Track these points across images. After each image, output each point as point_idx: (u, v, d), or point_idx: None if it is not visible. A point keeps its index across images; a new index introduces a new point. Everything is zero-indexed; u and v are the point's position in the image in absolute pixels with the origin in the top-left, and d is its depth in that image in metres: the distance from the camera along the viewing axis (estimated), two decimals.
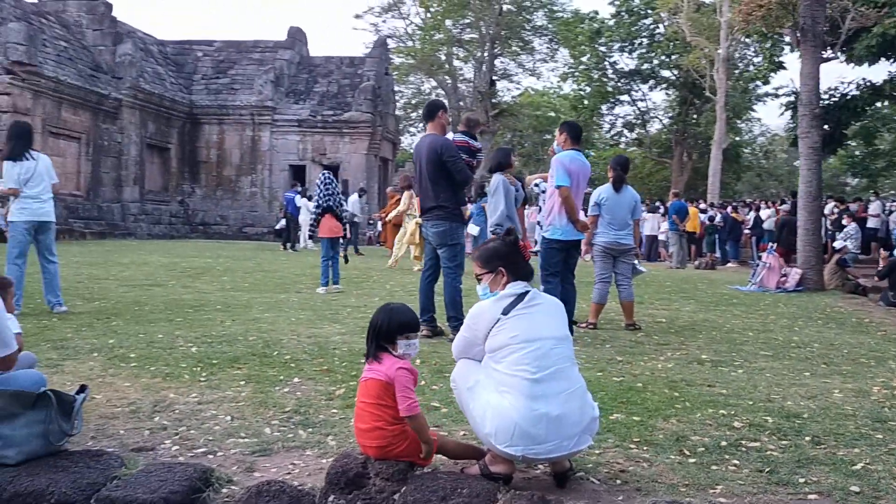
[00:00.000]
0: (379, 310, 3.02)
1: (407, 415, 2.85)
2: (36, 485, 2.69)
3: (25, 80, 19.33)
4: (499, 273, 3.06)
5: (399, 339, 2.95)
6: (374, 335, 2.96)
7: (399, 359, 2.94)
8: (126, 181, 23.41)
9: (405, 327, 2.96)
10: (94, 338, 5.45)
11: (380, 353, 2.94)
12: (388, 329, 2.94)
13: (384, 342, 2.96)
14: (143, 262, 12.23)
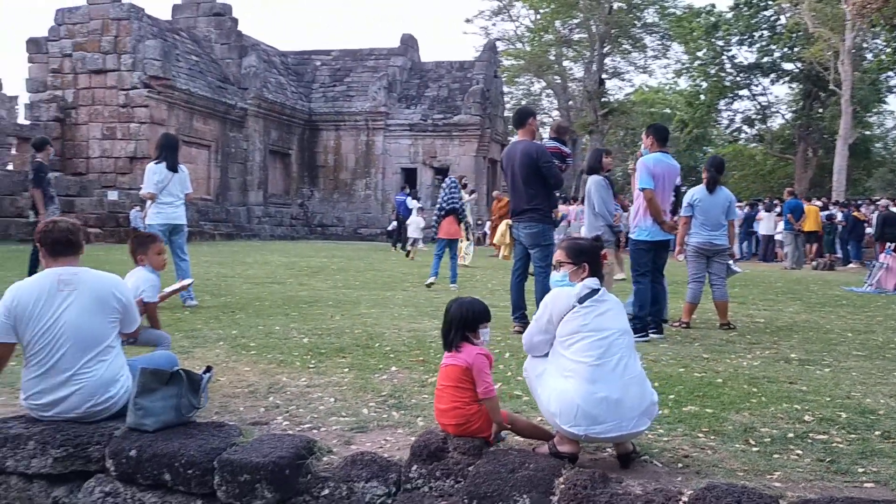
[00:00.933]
0: (456, 305, 3.34)
1: (484, 397, 3.19)
2: (169, 448, 3.21)
3: (161, 93, 20.97)
4: (582, 267, 3.36)
5: (481, 327, 3.30)
6: (460, 326, 3.29)
7: (476, 346, 3.28)
8: (251, 186, 24.88)
9: (484, 316, 3.31)
10: (220, 329, 6.09)
11: (461, 343, 3.29)
12: (473, 319, 3.29)
13: (468, 332, 3.30)
14: (265, 261, 13.11)
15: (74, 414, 3.41)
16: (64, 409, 3.40)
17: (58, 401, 3.40)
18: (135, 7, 21.45)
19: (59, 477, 3.34)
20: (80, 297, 3.40)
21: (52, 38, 21.50)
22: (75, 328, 3.36)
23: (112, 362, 3.45)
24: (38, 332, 3.35)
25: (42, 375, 3.40)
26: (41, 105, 21.14)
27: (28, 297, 3.37)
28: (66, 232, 3.49)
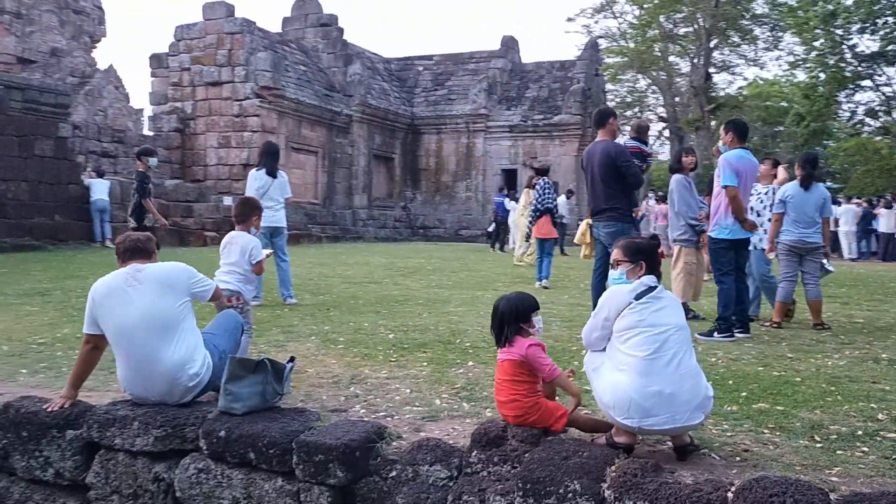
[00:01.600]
0: (504, 301, 3.46)
1: (549, 379, 3.35)
2: (254, 430, 3.52)
3: (272, 103, 21.99)
4: (639, 265, 3.45)
5: (533, 316, 3.45)
6: (513, 319, 3.43)
7: (527, 339, 3.42)
8: (356, 189, 25.69)
9: (534, 305, 3.46)
10: (314, 325, 6.46)
11: (514, 337, 3.43)
12: (524, 310, 3.43)
13: (522, 323, 3.44)
14: (365, 262, 13.59)
15: (162, 397, 3.80)
16: (153, 393, 3.79)
17: (145, 386, 3.79)
18: (247, 21, 22.58)
19: (159, 454, 3.72)
20: (149, 286, 3.78)
21: (172, 54, 22.94)
22: (147, 316, 3.73)
23: (186, 342, 3.81)
24: (114, 323, 3.76)
25: (125, 364, 3.81)
26: (163, 116, 22.60)
27: (100, 293, 3.82)
28: (137, 241, 3.95)
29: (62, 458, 3.88)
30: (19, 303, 7.86)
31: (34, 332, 6.23)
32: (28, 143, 15.75)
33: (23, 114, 15.70)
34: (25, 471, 3.98)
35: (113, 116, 30.61)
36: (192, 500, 3.61)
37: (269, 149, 8.27)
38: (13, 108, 15.50)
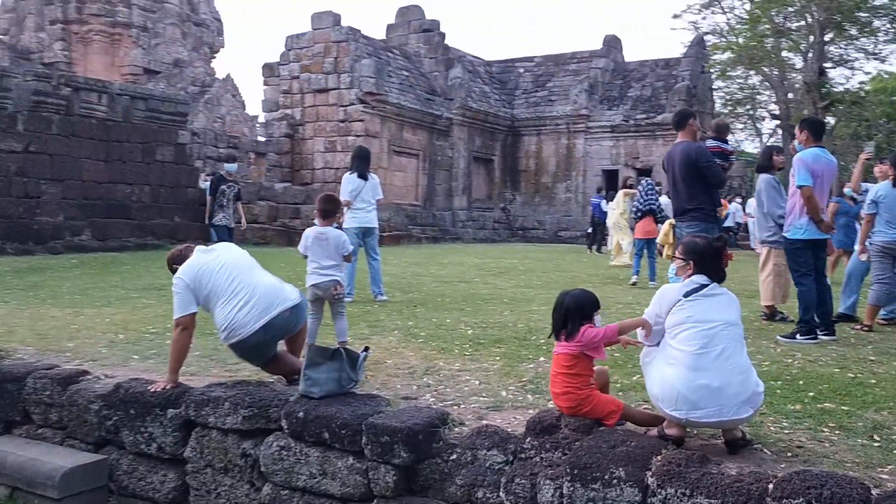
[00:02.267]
0: (569, 297, 3.61)
1: (611, 338, 3.51)
2: (328, 412, 3.84)
3: (375, 108, 22.68)
4: (689, 264, 3.56)
5: (595, 314, 3.59)
6: (577, 315, 3.56)
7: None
8: (456, 191, 26.09)
9: (596, 304, 3.60)
10: (399, 320, 6.78)
11: (575, 332, 3.59)
12: (587, 306, 3.58)
13: (584, 320, 3.58)
14: (460, 262, 13.88)
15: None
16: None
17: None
18: (352, 29, 23.37)
19: (246, 432, 4.10)
20: (229, 252, 4.49)
21: (283, 63, 24.02)
22: (234, 263, 4.41)
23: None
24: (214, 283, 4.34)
25: (228, 301, 4.32)
26: (274, 123, 23.71)
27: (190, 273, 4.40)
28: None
29: (164, 434, 4.33)
30: (137, 297, 8.58)
31: (148, 322, 6.83)
32: (150, 150, 16.97)
33: (146, 122, 16.92)
34: (132, 445, 4.45)
35: (230, 123, 32.33)
36: (275, 475, 3.97)
37: (361, 153, 8.68)
38: (137, 117, 16.74)
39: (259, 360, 4.47)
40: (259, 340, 4.29)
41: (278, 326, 4.32)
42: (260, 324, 4.23)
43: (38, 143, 14.94)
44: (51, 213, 15.09)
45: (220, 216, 10.10)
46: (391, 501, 3.66)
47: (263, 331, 4.26)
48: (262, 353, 4.41)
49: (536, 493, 3.29)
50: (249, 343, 4.29)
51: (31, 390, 4.83)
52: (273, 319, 4.27)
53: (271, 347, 4.43)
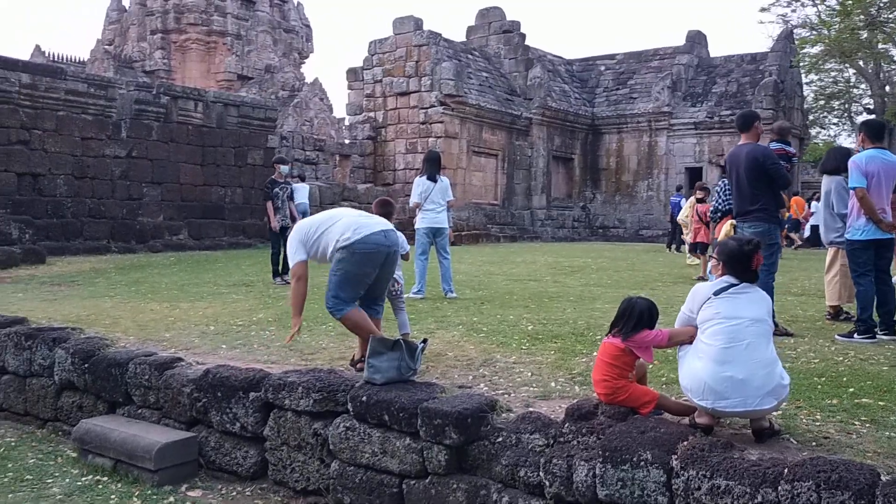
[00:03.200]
0: (644, 301, 3.84)
1: (661, 344, 3.77)
2: (388, 397, 4.24)
3: (454, 109, 23.14)
4: (721, 264, 3.80)
5: (657, 325, 3.84)
6: (642, 321, 3.78)
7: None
8: (535, 190, 26.28)
9: (657, 316, 3.84)
10: (465, 316, 7.15)
11: (632, 334, 3.81)
12: (655, 317, 3.83)
13: (647, 327, 3.82)
14: (533, 261, 14.15)
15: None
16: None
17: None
18: (433, 33, 23.90)
19: (317, 414, 4.55)
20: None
21: (367, 67, 24.78)
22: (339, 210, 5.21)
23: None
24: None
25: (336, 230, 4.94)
26: (357, 126, 24.50)
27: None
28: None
29: (246, 415, 4.84)
30: (228, 292, 9.26)
31: (236, 315, 7.44)
32: (242, 154, 17.92)
33: (238, 128, 17.87)
34: (219, 424, 4.98)
35: (318, 126, 33.45)
36: (341, 453, 4.40)
37: (431, 156, 9.09)
38: (230, 123, 17.70)
39: (357, 284, 4.91)
40: (361, 251, 4.79)
41: (373, 242, 4.83)
42: (360, 235, 4.81)
43: (140, 149, 16.04)
44: (151, 213, 16.18)
45: (278, 217, 10.70)
46: (444, 478, 4.03)
47: (362, 242, 4.79)
48: (358, 275, 4.87)
49: (572, 473, 3.59)
50: (357, 249, 4.79)
51: (132, 375, 5.43)
52: (370, 234, 4.82)
53: (366, 272, 4.88)
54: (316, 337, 6.25)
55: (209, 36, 33.48)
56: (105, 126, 15.51)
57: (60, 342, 6.03)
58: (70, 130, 14.93)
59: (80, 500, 4.58)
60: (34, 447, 5.61)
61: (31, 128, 14.36)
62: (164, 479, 4.82)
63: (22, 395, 6.24)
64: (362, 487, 4.31)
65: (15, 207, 13.81)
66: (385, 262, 4.94)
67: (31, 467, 5.15)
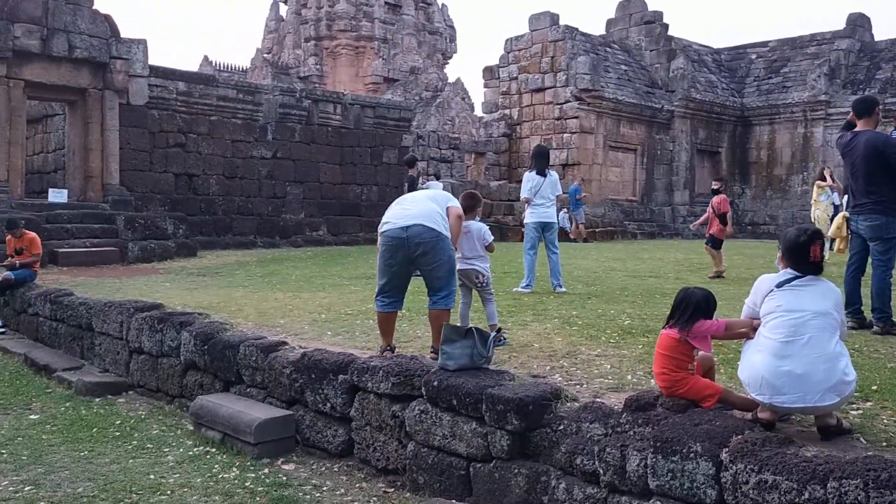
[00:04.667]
0: (701, 291, 3.78)
1: (718, 334, 3.71)
2: (457, 382, 4.38)
3: (590, 104, 22.85)
4: (783, 255, 3.66)
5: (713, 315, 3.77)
6: (700, 312, 3.71)
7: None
8: (676, 186, 25.42)
9: (714, 309, 3.76)
10: (565, 310, 7.15)
11: (692, 324, 3.74)
12: (711, 307, 3.76)
13: (704, 317, 3.75)
14: (661, 257, 13.77)
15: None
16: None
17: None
18: (570, 28, 23.70)
19: (396, 397, 4.77)
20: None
21: (503, 65, 24.96)
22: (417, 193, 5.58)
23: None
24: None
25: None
26: (492, 123, 24.73)
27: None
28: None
29: (335, 396, 5.14)
30: (348, 284, 9.73)
31: (348, 305, 7.83)
32: (378, 153, 18.63)
33: (374, 128, 18.60)
34: (313, 403, 5.32)
35: (459, 125, 34.01)
36: (416, 434, 4.59)
37: (539, 151, 9.11)
38: (366, 124, 18.45)
39: (382, 273, 5.19)
40: (381, 243, 5.12)
41: (389, 235, 5.06)
42: (382, 228, 5.13)
43: (284, 150, 17.07)
44: (294, 211, 17.18)
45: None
46: (506, 462, 4.12)
47: (382, 234, 5.12)
48: (382, 266, 5.16)
49: (625, 463, 3.58)
50: (380, 241, 5.13)
51: (242, 356, 5.90)
52: (390, 228, 5.09)
53: (387, 262, 5.11)
54: (414, 326, 6.49)
55: (358, 41, 34.89)
56: (252, 129, 16.63)
57: (186, 325, 6.63)
58: (221, 134, 16.14)
59: (189, 467, 5.05)
60: (160, 420, 6.22)
61: (187, 132, 15.68)
62: (263, 453, 5.21)
63: (154, 374, 6.92)
64: (434, 468, 4.48)
65: (172, 205, 15.13)
66: (409, 254, 5.03)
67: (153, 437, 5.72)
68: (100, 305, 7.84)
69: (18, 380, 7.46)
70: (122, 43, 14.05)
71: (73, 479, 4.76)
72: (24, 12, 12.82)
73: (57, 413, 6.33)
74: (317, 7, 34.06)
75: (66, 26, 13.23)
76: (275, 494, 4.49)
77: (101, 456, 5.24)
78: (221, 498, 4.45)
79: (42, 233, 11.07)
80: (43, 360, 7.88)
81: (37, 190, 15.22)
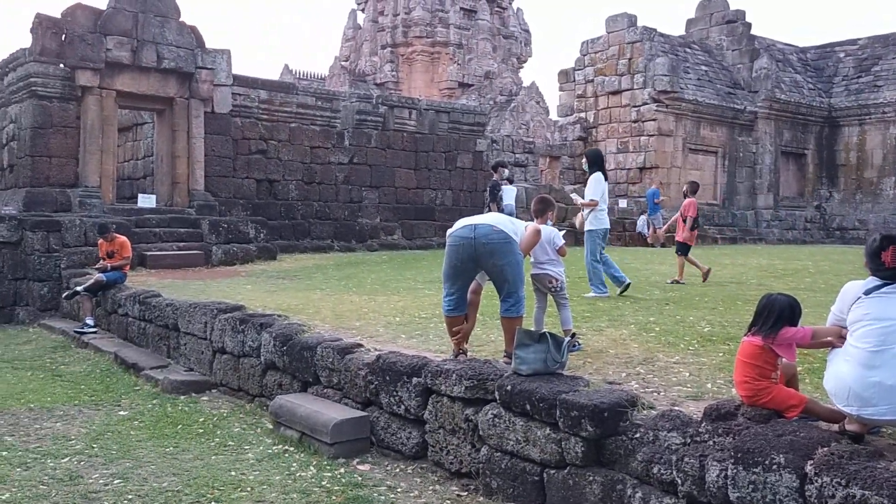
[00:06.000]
0: (781, 298, 3.64)
1: (803, 343, 3.58)
2: (530, 387, 4.35)
3: (669, 106, 22.40)
4: (866, 262, 3.51)
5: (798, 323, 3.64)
6: (784, 319, 3.60)
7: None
8: (760, 189, 24.65)
9: (799, 315, 3.63)
10: (641, 316, 7.01)
11: (777, 331, 3.63)
12: (796, 314, 3.63)
13: (788, 325, 3.63)
14: (743, 263, 13.37)
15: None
16: None
17: None
18: (647, 29, 23.31)
19: (469, 400, 4.77)
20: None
21: (578, 68, 24.73)
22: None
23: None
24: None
25: None
26: (567, 127, 24.53)
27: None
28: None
29: (409, 398, 5.18)
30: (423, 287, 9.81)
31: (422, 309, 7.90)
32: (452, 158, 18.72)
33: (448, 133, 18.70)
34: (387, 405, 5.37)
35: (533, 129, 33.87)
36: (490, 439, 4.59)
37: (599, 154, 8.96)
38: (441, 129, 18.57)
39: (447, 275, 5.36)
40: (448, 244, 5.25)
41: (457, 235, 5.17)
42: (451, 230, 5.29)
43: (360, 156, 17.35)
44: (369, 215, 17.43)
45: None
46: (581, 469, 4.07)
47: (450, 236, 5.23)
48: (447, 267, 5.32)
49: (704, 473, 3.49)
50: (447, 243, 5.26)
51: (319, 357, 6.01)
52: (458, 229, 5.21)
53: (453, 263, 5.24)
54: (487, 330, 6.49)
55: (433, 47, 35.16)
56: (330, 135, 16.97)
57: (266, 327, 6.81)
58: (300, 140, 16.53)
59: (268, 465, 5.18)
60: (241, 418, 6.40)
61: (268, 139, 16.11)
62: (339, 453, 5.30)
63: (236, 373, 7.13)
64: (507, 473, 4.46)
65: (254, 210, 15.57)
66: (476, 254, 5.10)
67: (234, 435, 5.89)
68: (185, 306, 8.13)
69: (109, 377, 7.81)
70: (208, 53, 14.55)
71: (158, 473, 4.95)
72: (116, 25, 13.42)
73: (144, 410, 6.59)
74: (393, 14, 34.50)
75: (154, 38, 13.79)
76: (350, 494, 4.56)
77: (185, 452, 5.42)
78: (299, 496, 4.55)
79: (132, 237, 11.54)
80: (132, 358, 8.23)
81: (127, 195, 15.89)
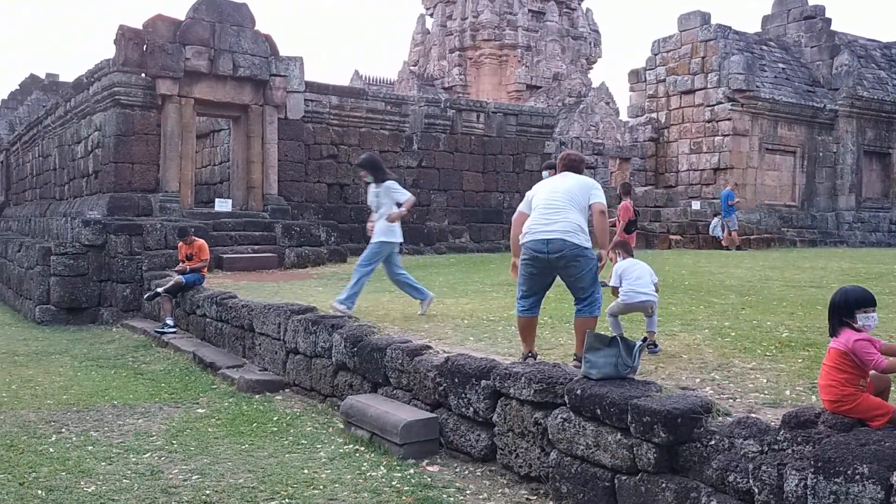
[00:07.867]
0: (840, 294, 3.59)
1: (876, 369, 3.45)
2: (601, 391, 4.30)
3: (744, 105, 21.81)
4: None
5: (857, 313, 3.52)
6: (835, 312, 3.56)
7: (857, 331, 3.51)
8: (841, 190, 23.75)
9: (861, 303, 3.51)
10: (716, 320, 6.85)
11: (839, 329, 3.56)
12: (846, 306, 3.54)
13: (845, 318, 3.54)
14: (822, 266, 12.89)
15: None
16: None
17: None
18: (721, 27, 22.74)
19: (538, 404, 4.74)
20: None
21: (649, 68, 24.31)
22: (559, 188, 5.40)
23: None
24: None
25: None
26: (638, 128, 24.13)
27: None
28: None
29: (477, 401, 5.18)
30: (490, 290, 9.81)
31: (490, 312, 7.89)
32: (520, 160, 18.65)
33: (516, 136, 18.65)
34: (456, 407, 5.39)
35: (603, 130, 33.46)
36: (559, 443, 4.55)
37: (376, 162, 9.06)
38: (509, 132, 18.53)
39: (523, 281, 5.37)
40: (523, 255, 5.23)
41: (531, 249, 5.15)
42: (525, 238, 5.20)
43: (429, 159, 17.46)
44: (438, 218, 17.51)
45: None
46: (653, 476, 4.00)
47: (525, 247, 5.20)
48: (524, 274, 5.31)
49: (782, 482, 3.38)
50: (523, 250, 5.21)
51: (389, 359, 6.08)
52: (531, 241, 5.16)
53: (530, 272, 5.24)
54: (556, 333, 6.44)
55: (501, 50, 35.14)
56: (399, 139, 17.13)
57: (337, 328, 6.92)
58: (370, 144, 16.73)
59: (340, 464, 5.26)
60: (313, 418, 6.52)
61: (338, 143, 16.38)
62: (408, 453, 5.34)
63: (308, 373, 7.26)
64: (577, 478, 4.42)
65: (325, 214, 15.84)
66: (551, 266, 5.15)
67: (307, 434, 6.01)
68: (260, 308, 8.33)
69: (188, 376, 8.07)
70: (281, 61, 14.89)
71: (234, 470, 5.08)
72: (194, 35, 13.86)
73: (221, 408, 6.78)
74: (461, 18, 34.64)
75: (230, 47, 14.19)
76: (420, 495, 4.59)
77: (259, 449, 5.56)
78: (370, 495, 4.60)
79: (209, 240, 11.89)
80: (209, 357, 8.48)
81: (204, 200, 16.38)
